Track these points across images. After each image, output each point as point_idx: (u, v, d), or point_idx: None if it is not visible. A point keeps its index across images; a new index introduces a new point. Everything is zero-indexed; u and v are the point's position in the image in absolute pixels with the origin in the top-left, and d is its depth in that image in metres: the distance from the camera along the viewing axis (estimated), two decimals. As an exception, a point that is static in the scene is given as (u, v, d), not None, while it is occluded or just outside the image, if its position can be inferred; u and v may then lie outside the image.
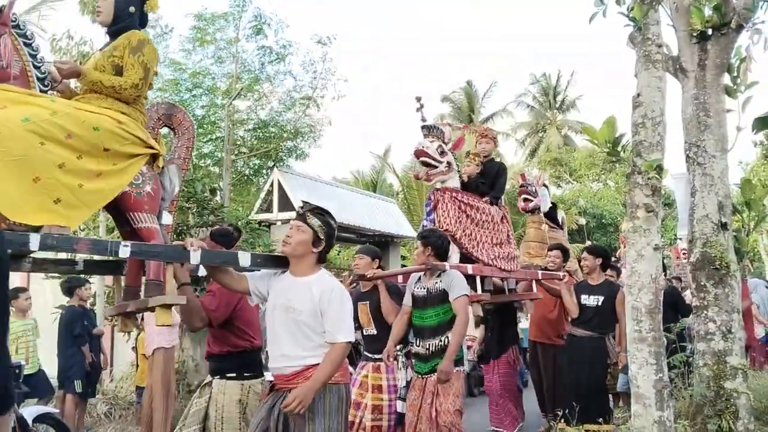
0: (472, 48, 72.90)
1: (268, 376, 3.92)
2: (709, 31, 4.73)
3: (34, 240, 3.06)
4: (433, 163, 5.86)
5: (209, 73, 14.61)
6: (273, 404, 3.45)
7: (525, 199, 8.33)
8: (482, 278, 6.01)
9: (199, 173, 10.83)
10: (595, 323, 6.21)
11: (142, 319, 7.25)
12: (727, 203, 4.68)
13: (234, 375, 4.24)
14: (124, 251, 3.27)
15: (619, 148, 4.43)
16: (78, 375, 7.58)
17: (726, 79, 4.80)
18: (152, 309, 3.60)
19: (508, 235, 6.43)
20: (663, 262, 7.37)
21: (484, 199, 6.34)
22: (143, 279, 3.77)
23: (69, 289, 7.79)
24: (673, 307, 7.03)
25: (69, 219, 3.26)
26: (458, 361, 5.03)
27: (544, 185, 8.90)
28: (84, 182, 3.31)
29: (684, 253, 9.65)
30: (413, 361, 5.22)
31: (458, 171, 6.27)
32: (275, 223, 13.25)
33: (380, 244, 14.91)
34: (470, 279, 5.59)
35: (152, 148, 3.70)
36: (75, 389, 7.52)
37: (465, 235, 5.84)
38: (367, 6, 76.27)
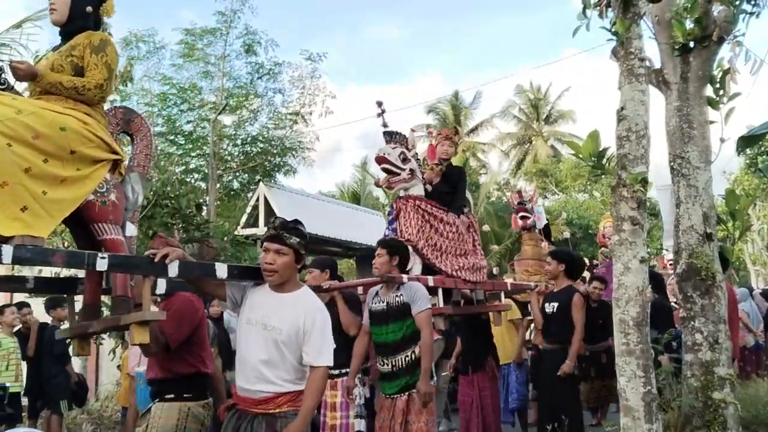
0: (461, 58, 72.87)
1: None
2: (691, 44, 4.78)
3: (7, 252, 2.74)
4: (394, 170, 5.69)
5: (197, 88, 14.54)
6: (237, 427, 3.22)
7: (523, 217, 8.17)
8: (449, 289, 5.81)
9: (183, 189, 10.78)
10: (553, 331, 6.03)
11: (123, 337, 7.15)
12: (712, 214, 4.71)
13: (172, 396, 3.80)
14: (102, 264, 3.02)
15: (604, 161, 4.43)
16: (63, 395, 7.46)
17: (708, 90, 4.85)
18: (125, 327, 3.38)
19: (474, 245, 6.18)
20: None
21: (449, 209, 6.00)
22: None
23: (48, 309, 7.63)
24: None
25: (37, 228, 2.97)
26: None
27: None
28: (47, 189, 3.04)
29: (670, 264, 9.65)
30: (379, 381, 4.97)
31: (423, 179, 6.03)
32: (261, 238, 13.21)
33: (367, 257, 14.85)
34: (432, 291, 5.38)
35: (115, 153, 3.45)
36: (60, 410, 7.39)
37: (428, 245, 5.64)
38: (354, 19, 76.30)
